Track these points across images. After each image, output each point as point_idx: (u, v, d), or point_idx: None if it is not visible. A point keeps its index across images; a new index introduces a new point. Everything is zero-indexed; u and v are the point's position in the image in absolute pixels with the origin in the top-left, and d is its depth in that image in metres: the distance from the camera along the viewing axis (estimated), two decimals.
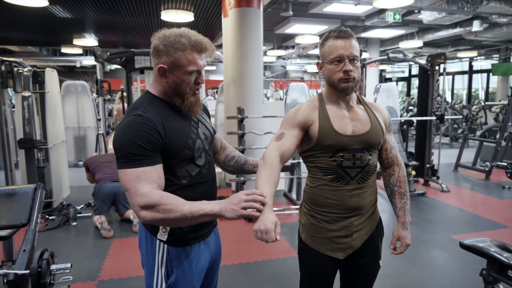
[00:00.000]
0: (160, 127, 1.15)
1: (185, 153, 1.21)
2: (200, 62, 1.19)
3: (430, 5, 6.55)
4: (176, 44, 1.15)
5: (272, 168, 1.24)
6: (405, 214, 1.44)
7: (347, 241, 1.38)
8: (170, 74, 1.18)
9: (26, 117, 3.97)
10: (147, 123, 1.13)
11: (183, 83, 1.19)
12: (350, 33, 1.32)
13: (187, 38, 1.16)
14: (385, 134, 1.44)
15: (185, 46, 1.15)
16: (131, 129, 1.13)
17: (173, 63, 1.17)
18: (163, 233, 1.24)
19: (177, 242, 1.26)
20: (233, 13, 4.72)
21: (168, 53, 1.16)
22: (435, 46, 11.51)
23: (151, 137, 1.12)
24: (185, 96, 1.21)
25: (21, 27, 8.29)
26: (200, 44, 1.18)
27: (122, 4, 6.38)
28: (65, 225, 3.88)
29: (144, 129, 1.12)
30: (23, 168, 4.09)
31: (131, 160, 1.11)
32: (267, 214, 1.07)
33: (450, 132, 9.74)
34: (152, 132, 1.13)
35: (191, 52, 1.16)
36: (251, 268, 2.92)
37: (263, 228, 1.03)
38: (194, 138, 1.25)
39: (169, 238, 1.24)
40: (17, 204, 1.91)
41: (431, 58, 5.22)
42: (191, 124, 1.29)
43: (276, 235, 1.02)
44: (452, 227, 3.85)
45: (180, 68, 1.17)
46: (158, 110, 1.20)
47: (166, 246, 1.25)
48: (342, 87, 1.32)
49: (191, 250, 1.28)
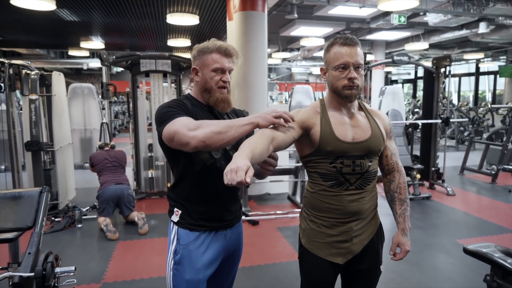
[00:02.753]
0: (190, 112, 1.36)
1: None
2: (223, 63, 1.39)
3: (436, 7, 6.51)
4: (204, 49, 1.40)
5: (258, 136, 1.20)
6: (405, 220, 1.45)
7: (347, 246, 1.38)
8: (200, 73, 1.41)
9: (33, 120, 4.02)
10: (179, 102, 1.38)
11: (210, 80, 1.39)
12: (356, 41, 1.33)
13: (213, 44, 1.40)
14: (386, 140, 1.44)
15: (211, 50, 1.39)
16: (168, 104, 1.37)
17: (202, 64, 1.40)
18: (175, 215, 1.44)
19: (185, 225, 1.42)
20: (237, 16, 4.75)
21: (199, 57, 1.41)
22: (441, 48, 11.44)
23: (183, 106, 1.36)
24: (212, 92, 1.40)
25: (29, 30, 8.40)
26: (224, 48, 1.40)
27: (128, 7, 6.44)
28: (70, 227, 3.92)
29: (178, 102, 1.38)
30: (29, 170, 4.14)
31: (168, 117, 1.29)
32: (240, 158, 1.00)
33: (456, 135, 9.67)
34: (183, 106, 1.36)
35: (215, 53, 1.39)
36: (254, 272, 2.92)
37: (233, 166, 0.95)
38: None
39: (180, 220, 1.43)
40: (23, 207, 1.94)
41: (436, 60, 5.19)
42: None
43: (246, 177, 0.94)
44: (457, 231, 3.82)
45: (207, 66, 1.39)
46: (190, 104, 1.41)
47: (177, 227, 1.43)
48: (345, 94, 1.33)
49: (200, 236, 1.41)
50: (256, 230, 3.87)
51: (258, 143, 1.15)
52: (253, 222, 4.00)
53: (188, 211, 1.42)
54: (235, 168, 0.95)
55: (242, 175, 0.93)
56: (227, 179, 0.95)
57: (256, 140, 1.17)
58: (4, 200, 1.98)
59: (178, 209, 1.43)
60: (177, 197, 1.45)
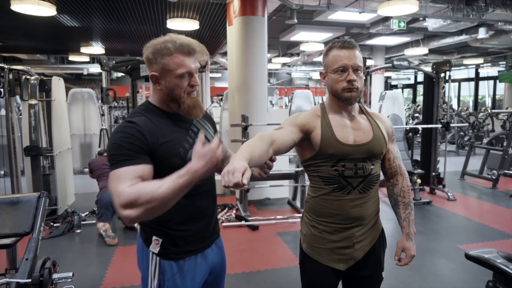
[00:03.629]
0: (148, 132, 1.14)
1: (174, 162, 1.17)
2: (189, 64, 1.18)
3: (435, 12, 6.54)
4: (162, 50, 1.16)
5: (257, 139, 1.16)
6: (410, 224, 1.43)
7: (349, 252, 1.37)
8: (162, 80, 1.19)
9: (32, 125, 4.01)
10: (134, 126, 1.14)
11: (176, 88, 1.19)
12: (354, 44, 1.33)
13: (173, 43, 1.16)
14: (388, 143, 1.44)
15: (171, 51, 1.15)
16: (119, 133, 1.15)
17: (162, 69, 1.17)
18: (155, 245, 1.23)
19: (169, 255, 1.23)
20: (237, 22, 4.76)
21: (157, 60, 1.17)
22: (440, 53, 11.48)
23: (135, 139, 1.12)
24: (180, 100, 1.20)
25: (30, 35, 8.42)
26: (187, 46, 1.18)
27: (128, 12, 6.46)
28: (69, 232, 3.89)
29: (129, 131, 1.13)
30: (28, 176, 4.12)
31: (116, 162, 1.10)
32: (238, 160, 0.97)
33: (457, 140, 9.66)
34: (137, 134, 1.13)
35: (178, 55, 1.16)
36: (254, 277, 2.89)
37: (230, 168, 0.92)
38: (187, 148, 1.22)
39: (161, 250, 1.22)
40: (21, 213, 1.92)
41: (436, 65, 5.20)
42: (188, 134, 1.26)
43: (243, 178, 0.90)
44: (458, 236, 3.80)
45: (170, 72, 1.17)
46: (152, 117, 1.20)
47: (158, 259, 1.23)
48: (345, 96, 1.32)
49: (185, 264, 1.25)
50: (256, 235, 3.84)
51: (257, 146, 1.12)
52: (253, 227, 3.97)
53: (171, 238, 1.23)
54: (231, 169, 0.92)
55: (238, 177, 0.90)
56: (224, 181, 0.92)
57: (255, 142, 1.14)
58: (2, 206, 1.96)
59: (157, 237, 1.22)
60: (154, 222, 1.22)
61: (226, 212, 4.47)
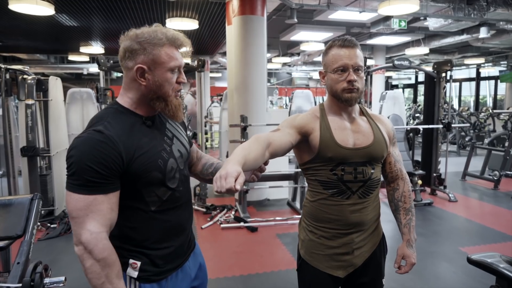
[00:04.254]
0: (123, 146, 1.01)
1: (154, 176, 1.07)
2: (180, 59, 1.09)
3: (436, 12, 6.49)
4: (153, 39, 1.03)
5: (252, 141, 1.11)
6: (410, 231, 1.38)
7: (348, 258, 1.32)
8: (149, 74, 1.05)
9: (29, 125, 3.97)
10: (108, 142, 0.98)
11: (166, 83, 1.06)
12: (355, 43, 1.28)
13: (163, 33, 1.05)
14: (389, 147, 1.39)
15: (164, 41, 1.05)
16: (88, 148, 0.98)
17: (153, 61, 1.04)
18: (133, 269, 1.10)
19: (149, 278, 1.11)
20: (236, 21, 4.71)
21: (146, 51, 1.03)
22: (441, 53, 11.43)
23: (109, 160, 0.98)
24: (168, 99, 1.08)
25: (29, 35, 8.38)
26: (178, 39, 1.08)
27: (127, 12, 6.42)
28: (66, 234, 3.85)
29: (103, 149, 0.97)
30: (25, 176, 4.08)
31: (82, 185, 0.97)
32: (231, 164, 0.93)
33: (458, 140, 9.61)
34: (111, 154, 0.98)
35: (170, 47, 1.06)
36: (252, 280, 2.85)
37: (223, 173, 0.88)
38: (166, 158, 1.11)
39: (140, 274, 1.10)
40: (13, 215, 1.88)
41: (437, 65, 5.15)
42: (164, 140, 1.14)
43: (236, 184, 0.86)
44: (460, 238, 3.75)
45: (162, 65, 1.05)
46: (125, 124, 1.05)
47: (138, 283, 1.10)
48: (345, 97, 1.27)
49: (167, 284, 1.15)
50: (255, 236, 3.80)
51: (252, 149, 1.07)
52: (251, 228, 3.93)
53: (150, 259, 1.11)
54: (224, 174, 0.88)
55: (231, 182, 0.86)
56: (216, 186, 0.88)
57: (250, 145, 1.09)
58: None
59: (135, 261, 1.09)
60: (131, 245, 1.10)
61: (225, 213, 4.43)
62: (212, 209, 4.54)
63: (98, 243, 0.97)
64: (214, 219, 4.24)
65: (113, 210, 1.02)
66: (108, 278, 0.99)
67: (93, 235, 0.97)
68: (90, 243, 0.96)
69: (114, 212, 1.03)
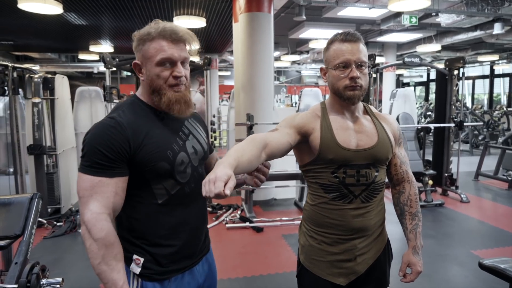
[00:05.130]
0: (133, 133, 1.04)
1: (161, 166, 1.07)
2: (171, 51, 1.06)
3: (448, 7, 6.32)
4: (144, 35, 1.07)
5: (247, 142, 1.06)
6: (417, 237, 1.31)
7: (350, 265, 1.25)
8: (144, 69, 1.09)
9: (35, 123, 3.98)
10: (117, 127, 1.03)
11: (156, 78, 1.07)
12: (358, 37, 1.21)
13: (155, 28, 1.06)
14: (394, 147, 1.31)
15: (152, 36, 1.05)
16: (99, 132, 1.03)
17: (143, 56, 1.08)
18: (136, 265, 1.09)
19: (152, 276, 1.10)
20: (243, 18, 4.65)
21: (138, 47, 1.08)
22: (454, 50, 11.18)
23: (117, 144, 1.02)
24: (161, 92, 1.08)
25: (40, 34, 8.46)
26: (170, 31, 1.06)
27: (134, 10, 6.41)
28: (72, 232, 3.85)
29: (112, 134, 1.02)
30: (32, 174, 4.10)
31: (90, 166, 1.01)
32: (221, 167, 0.87)
33: (471, 139, 9.40)
34: (120, 139, 1.02)
35: (159, 40, 1.05)
36: (256, 282, 2.79)
37: (212, 176, 0.83)
38: (176, 150, 1.11)
39: (143, 271, 1.09)
40: (12, 214, 1.87)
41: (449, 62, 5.01)
42: (179, 135, 1.15)
43: (226, 189, 0.81)
44: (472, 241, 3.63)
45: (149, 59, 1.06)
46: (138, 114, 1.09)
47: (140, 280, 1.10)
48: (347, 95, 1.20)
49: (170, 284, 1.12)
50: (260, 237, 3.74)
51: (247, 150, 1.01)
52: (257, 229, 3.87)
53: (154, 257, 1.10)
54: (213, 178, 0.82)
55: (220, 186, 0.80)
56: (204, 191, 0.83)
57: (244, 146, 1.03)
58: None
59: (138, 257, 1.09)
60: (135, 238, 1.10)
61: (231, 213, 4.39)
62: (217, 209, 4.50)
63: (96, 223, 0.99)
64: (220, 219, 4.20)
65: (118, 194, 1.04)
66: (105, 259, 0.99)
67: (93, 215, 0.99)
68: (90, 222, 0.99)
69: (118, 196, 1.04)
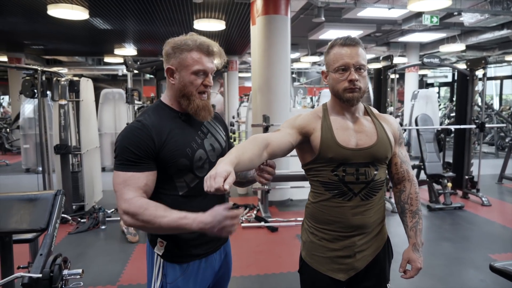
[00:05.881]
0: (157, 133, 1.17)
1: (182, 162, 1.19)
2: (206, 64, 1.21)
3: (471, 6, 6.17)
4: (182, 45, 1.20)
5: (249, 141, 1.12)
6: (417, 234, 1.33)
7: (350, 261, 1.29)
8: (177, 74, 1.22)
9: (62, 124, 4.19)
10: (143, 129, 1.17)
11: (190, 84, 1.21)
12: (357, 41, 1.26)
13: (193, 40, 1.20)
14: (394, 147, 1.35)
15: (191, 47, 1.19)
16: (128, 133, 1.18)
17: (179, 64, 1.20)
18: (160, 247, 1.24)
19: (172, 259, 1.24)
20: (260, 21, 4.73)
21: (175, 55, 1.20)
22: (480, 50, 10.85)
23: (143, 143, 1.15)
24: (191, 98, 1.22)
25: (68, 39, 8.85)
26: (207, 46, 1.21)
27: (157, 15, 6.61)
28: (94, 228, 4.03)
29: (138, 135, 1.16)
30: (58, 173, 4.31)
31: (122, 164, 1.15)
32: (222, 164, 0.94)
33: (496, 141, 9.10)
34: (146, 138, 1.15)
35: (197, 52, 1.20)
36: (268, 280, 2.85)
37: (212, 173, 0.90)
38: (195, 148, 1.23)
39: (165, 253, 1.23)
40: (38, 209, 1.99)
41: (470, 63, 4.90)
42: (198, 134, 1.27)
43: (225, 184, 0.88)
44: (491, 245, 3.55)
45: (186, 67, 1.20)
46: (162, 117, 1.23)
47: (162, 261, 1.24)
48: (347, 97, 1.25)
49: (188, 268, 1.25)
50: (275, 237, 3.80)
51: (248, 149, 1.08)
52: (272, 228, 3.93)
53: (175, 241, 1.22)
54: (213, 174, 0.90)
55: (220, 182, 0.88)
56: (206, 186, 0.90)
57: (246, 145, 1.09)
58: (20, 202, 2.04)
59: (162, 240, 1.23)
60: None
61: (247, 213, 4.46)
62: (234, 208, 4.57)
63: (134, 203, 1.11)
64: None
65: (148, 185, 1.16)
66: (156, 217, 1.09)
67: (128, 201, 1.12)
68: (129, 208, 1.11)
69: (148, 187, 1.17)
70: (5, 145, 9.97)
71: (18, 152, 9.18)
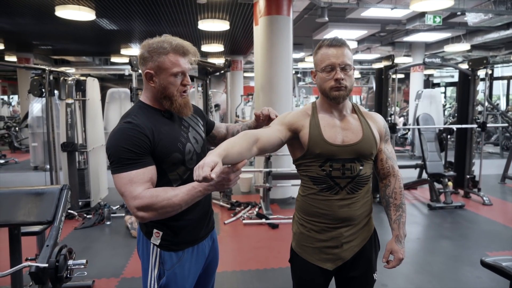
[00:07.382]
0: (149, 132, 1.21)
1: (175, 156, 1.27)
2: (183, 65, 1.25)
3: (475, 6, 6.17)
4: (159, 49, 1.22)
5: (239, 136, 1.18)
6: (400, 227, 1.40)
7: (337, 252, 1.36)
8: (156, 78, 1.24)
9: (68, 123, 4.31)
10: (136, 128, 1.20)
11: (170, 86, 1.25)
12: (343, 42, 1.33)
13: (169, 43, 1.23)
14: (380, 144, 1.41)
15: (168, 50, 1.22)
16: (121, 135, 1.19)
17: (158, 67, 1.23)
18: (156, 237, 1.31)
19: (169, 247, 1.32)
20: (263, 21, 4.79)
21: (153, 58, 1.23)
22: (486, 49, 10.79)
23: (140, 141, 1.18)
24: (173, 99, 1.27)
25: (75, 39, 9.00)
26: (182, 47, 1.25)
27: (162, 15, 6.71)
28: (100, 224, 4.14)
29: (134, 134, 1.18)
30: (65, 170, 4.43)
31: (123, 165, 1.17)
32: (210, 156, 1.00)
33: (501, 141, 9.06)
34: (141, 136, 1.19)
35: (173, 54, 1.23)
36: (267, 275, 2.92)
37: (201, 163, 0.96)
38: (184, 142, 1.31)
39: (162, 242, 1.31)
40: (45, 203, 2.09)
41: (472, 62, 4.92)
42: (181, 129, 1.35)
43: (211, 173, 0.94)
44: (489, 244, 3.58)
45: (165, 71, 1.23)
46: (148, 116, 1.26)
47: (159, 250, 1.32)
48: (333, 95, 1.32)
49: (183, 255, 1.34)
50: (275, 233, 3.86)
51: (237, 143, 1.13)
52: (272, 225, 4.00)
53: (171, 231, 1.31)
54: (202, 164, 0.97)
55: (207, 171, 0.94)
56: (195, 175, 0.97)
57: (236, 140, 1.15)
58: (28, 196, 2.14)
59: (158, 230, 1.30)
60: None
61: (249, 210, 4.53)
62: (236, 206, 4.66)
63: (144, 196, 1.14)
64: (238, 215, 4.36)
65: (152, 179, 1.21)
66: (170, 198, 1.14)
67: (137, 197, 1.14)
68: (141, 202, 1.14)
69: (153, 180, 1.21)
70: (14, 143, 10.17)
71: (26, 150, 9.36)
